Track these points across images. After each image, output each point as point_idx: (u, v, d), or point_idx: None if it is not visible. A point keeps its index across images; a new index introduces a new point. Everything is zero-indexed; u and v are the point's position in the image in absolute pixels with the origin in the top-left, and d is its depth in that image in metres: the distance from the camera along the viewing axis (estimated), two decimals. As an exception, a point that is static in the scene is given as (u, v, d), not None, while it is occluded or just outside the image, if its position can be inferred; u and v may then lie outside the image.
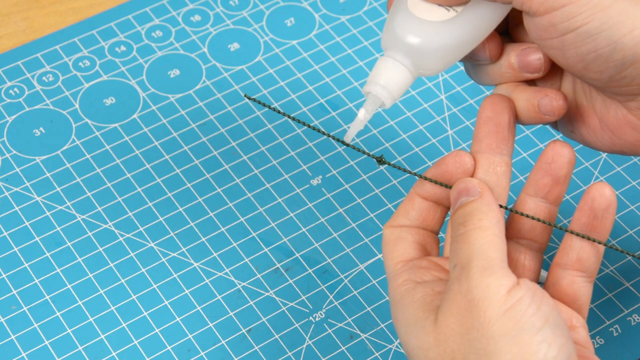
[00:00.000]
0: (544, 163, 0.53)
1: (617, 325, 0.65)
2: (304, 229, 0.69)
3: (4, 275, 0.66)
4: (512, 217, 0.54)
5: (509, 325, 0.47)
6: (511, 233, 0.54)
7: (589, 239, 0.52)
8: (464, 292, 0.48)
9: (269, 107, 0.54)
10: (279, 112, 0.54)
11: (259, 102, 0.55)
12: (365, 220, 0.69)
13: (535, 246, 0.54)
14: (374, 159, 0.55)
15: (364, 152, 0.54)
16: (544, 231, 0.54)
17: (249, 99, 0.55)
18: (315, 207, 0.70)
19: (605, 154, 0.73)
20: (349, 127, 0.54)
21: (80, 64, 0.76)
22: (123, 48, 0.77)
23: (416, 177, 0.55)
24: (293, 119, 0.54)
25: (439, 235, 0.56)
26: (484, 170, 0.53)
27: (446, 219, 0.55)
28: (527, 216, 0.53)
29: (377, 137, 0.73)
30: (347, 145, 0.54)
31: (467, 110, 0.75)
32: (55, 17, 0.79)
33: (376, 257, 0.68)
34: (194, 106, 0.74)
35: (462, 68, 0.77)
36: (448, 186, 0.53)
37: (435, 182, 0.53)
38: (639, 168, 0.72)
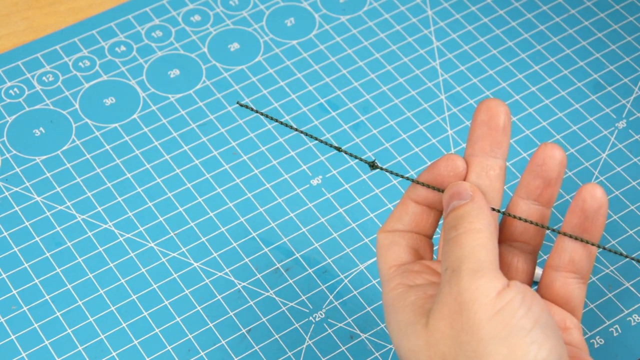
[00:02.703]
0: (535, 165, 0.53)
1: (617, 325, 0.65)
2: (304, 229, 0.69)
3: (4, 275, 0.66)
4: (504, 220, 0.54)
5: (499, 327, 0.47)
6: (504, 236, 0.54)
7: (581, 240, 0.52)
8: (454, 294, 0.48)
9: (261, 113, 0.54)
10: (271, 118, 0.54)
11: (252, 109, 0.55)
12: (365, 220, 0.69)
13: (528, 248, 0.54)
14: (367, 164, 0.55)
15: (356, 157, 0.54)
16: (537, 234, 0.54)
17: (242, 105, 0.55)
18: (315, 207, 0.70)
19: (606, 153, 0.73)
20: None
21: (80, 64, 0.76)
22: (123, 48, 0.77)
23: (409, 182, 0.55)
24: (285, 124, 0.54)
25: (435, 238, 0.56)
26: (477, 174, 0.53)
27: (440, 222, 0.55)
28: (519, 219, 0.53)
29: (377, 137, 0.73)
30: (339, 150, 0.54)
31: (467, 110, 0.75)
32: (55, 17, 0.79)
33: (376, 257, 0.68)
34: (194, 106, 0.74)
35: (462, 68, 0.77)
36: (441, 190, 0.53)
37: (428, 186, 0.53)
38: (639, 168, 0.72)
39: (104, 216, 0.69)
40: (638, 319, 0.66)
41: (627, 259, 0.68)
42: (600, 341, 0.64)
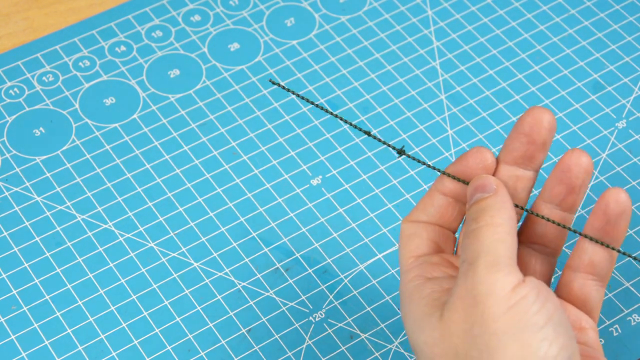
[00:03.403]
0: (559, 171, 0.52)
1: (617, 325, 0.65)
2: (304, 229, 0.69)
3: (4, 275, 0.66)
4: (525, 222, 0.54)
5: (512, 323, 0.47)
6: (523, 237, 0.54)
7: (602, 244, 0.51)
8: (469, 287, 0.48)
9: (293, 92, 0.54)
10: (306, 100, 0.54)
11: (284, 87, 0.54)
12: (365, 220, 0.69)
13: (548, 251, 0.54)
14: (395, 150, 0.55)
15: (384, 143, 0.54)
16: (557, 237, 0.53)
17: (274, 83, 0.55)
18: (315, 207, 0.70)
19: (606, 153, 0.73)
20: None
21: (80, 64, 0.76)
22: (123, 48, 0.77)
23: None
24: (318, 106, 0.54)
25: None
26: (504, 182, 0.53)
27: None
28: (542, 217, 0.52)
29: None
30: (368, 134, 0.54)
31: (467, 110, 0.75)
32: (55, 17, 0.79)
33: (376, 257, 0.68)
34: (194, 106, 0.74)
35: (462, 68, 0.77)
36: (467, 182, 0.53)
37: (454, 178, 0.53)
38: (639, 168, 0.72)
39: (104, 216, 0.69)
40: (638, 319, 0.66)
41: (628, 259, 0.68)
42: (601, 341, 0.64)
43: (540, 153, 0.52)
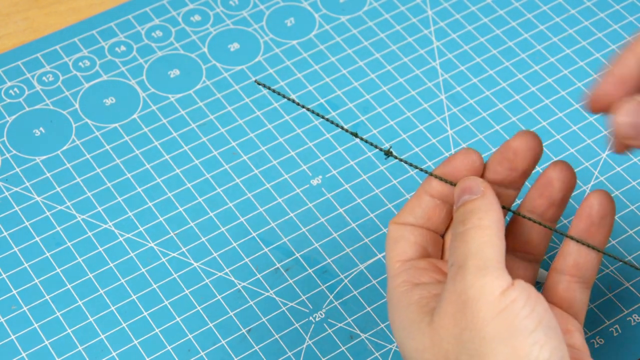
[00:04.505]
0: (541, 185, 0.52)
1: (617, 325, 0.65)
2: (304, 229, 0.69)
3: (4, 275, 0.66)
4: (507, 229, 0.54)
5: (502, 327, 0.46)
6: (506, 245, 0.53)
7: (587, 245, 0.51)
8: (458, 292, 0.48)
9: (283, 95, 0.54)
10: (294, 102, 0.54)
11: (270, 89, 0.54)
12: (365, 220, 0.69)
13: (531, 257, 0.54)
14: (382, 151, 0.55)
15: (372, 145, 0.54)
16: (540, 243, 0.53)
17: (259, 84, 0.55)
18: (315, 207, 0.70)
19: (606, 153, 0.73)
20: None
21: (80, 64, 0.76)
22: (123, 48, 0.77)
23: (422, 176, 0.55)
24: (308, 109, 0.54)
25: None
26: None
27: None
28: (529, 219, 0.52)
29: (377, 137, 0.73)
30: (357, 137, 0.54)
31: (467, 110, 0.75)
32: (55, 17, 0.79)
33: (376, 257, 0.68)
34: (194, 106, 0.74)
35: (462, 68, 0.77)
36: (455, 184, 0.53)
37: (442, 179, 0.53)
38: (639, 168, 0.72)
39: (104, 216, 0.69)
40: (638, 319, 0.66)
41: (628, 259, 0.68)
42: (600, 341, 0.64)
43: (521, 179, 0.52)
